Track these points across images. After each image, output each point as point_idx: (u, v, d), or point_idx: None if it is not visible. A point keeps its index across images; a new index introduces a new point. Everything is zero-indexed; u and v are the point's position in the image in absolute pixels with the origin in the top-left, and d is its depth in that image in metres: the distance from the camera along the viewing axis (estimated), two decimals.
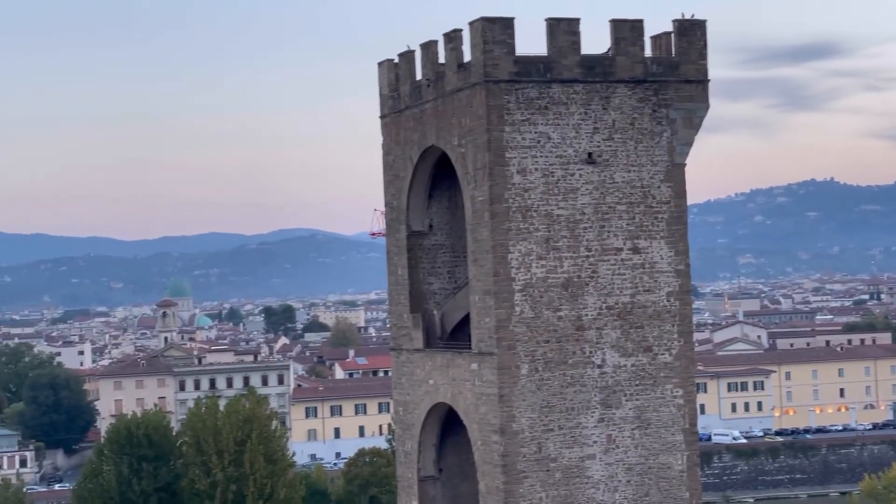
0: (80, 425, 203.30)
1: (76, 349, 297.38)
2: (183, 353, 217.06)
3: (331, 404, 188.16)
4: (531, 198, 47.29)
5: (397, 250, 54.25)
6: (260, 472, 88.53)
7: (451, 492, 53.88)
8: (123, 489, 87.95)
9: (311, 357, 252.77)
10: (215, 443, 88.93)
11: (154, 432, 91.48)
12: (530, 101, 47.20)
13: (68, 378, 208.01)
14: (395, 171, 54.23)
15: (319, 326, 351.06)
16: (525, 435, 46.87)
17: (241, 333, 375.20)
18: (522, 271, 47.11)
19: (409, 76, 52.82)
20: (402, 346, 54.23)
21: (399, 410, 54.87)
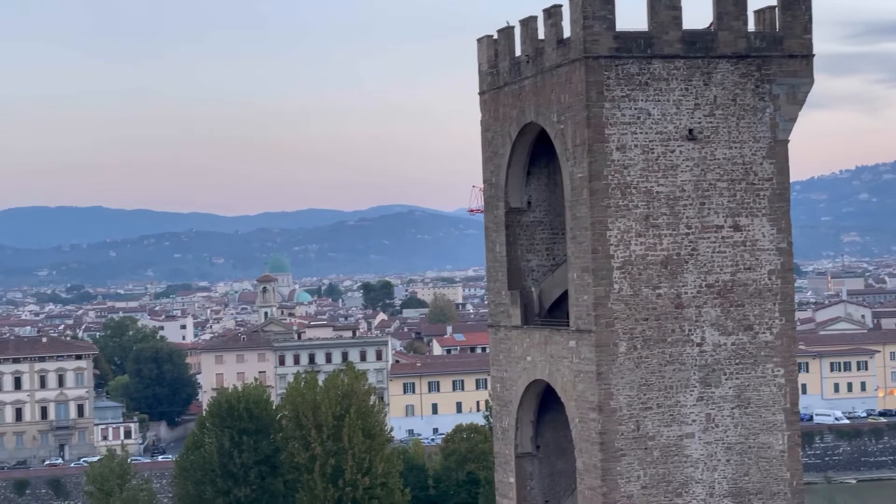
0: (182, 398, 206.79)
1: (179, 323, 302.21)
2: (283, 328, 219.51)
3: (428, 380, 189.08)
4: (630, 174, 46.97)
5: (496, 227, 54.23)
6: (358, 446, 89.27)
7: (548, 468, 53.90)
8: (224, 461, 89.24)
9: (409, 333, 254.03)
10: (314, 417, 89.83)
11: (254, 406, 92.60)
12: (630, 76, 46.82)
13: (171, 352, 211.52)
14: (494, 147, 54.18)
15: (417, 303, 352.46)
16: (623, 413, 46.70)
17: (339, 309, 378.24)
18: (621, 248, 46.87)
19: (509, 52, 52.68)
20: (499, 322, 54.27)
21: (496, 387, 54.95)
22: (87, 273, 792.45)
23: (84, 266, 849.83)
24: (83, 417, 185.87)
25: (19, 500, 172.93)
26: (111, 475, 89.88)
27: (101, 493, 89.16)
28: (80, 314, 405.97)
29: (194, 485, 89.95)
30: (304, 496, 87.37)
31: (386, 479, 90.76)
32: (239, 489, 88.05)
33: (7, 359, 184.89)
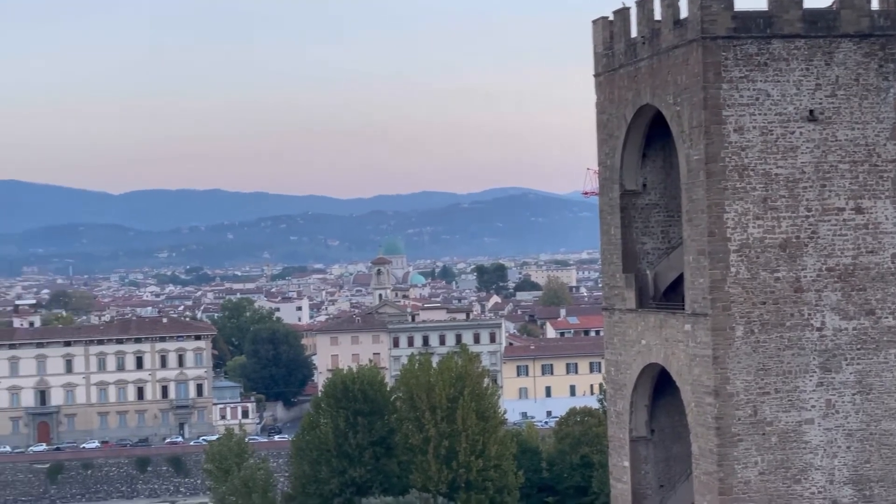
0: (298, 379, 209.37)
1: (294, 305, 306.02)
2: (397, 310, 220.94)
3: (542, 363, 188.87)
4: (748, 156, 46.30)
5: (610, 210, 53.88)
6: (472, 428, 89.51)
7: (663, 453, 53.51)
8: (340, 442, 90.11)
9: (522, 316, 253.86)
10: (428, 399, 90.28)
11: (369, 387, 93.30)
12: (749, 57, 46.11)
13: (287, 333, 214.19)
14: (609, 130, 53.80)
15: (531, 285, 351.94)
16: (740, 397, 46.15)
17: (453, 291, 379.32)
18: (738, 231, 46.26)
19: (624, 34, 52.22)
20: (614, 305, 53.95)
21: (611, 370, 54.68)
22: (205, 255, 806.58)
23: (202, 248, 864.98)
24: (202, 397, 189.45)
25: (141, 476, 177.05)
26: (229, 454, 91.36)
27: (220, 471, 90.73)
28: (198, 295, 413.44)
29: (310, 465, 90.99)
30: (417, 477, 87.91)
31: (499, 461, 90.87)
32: (354, 469, 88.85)
33: (129, 338, 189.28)
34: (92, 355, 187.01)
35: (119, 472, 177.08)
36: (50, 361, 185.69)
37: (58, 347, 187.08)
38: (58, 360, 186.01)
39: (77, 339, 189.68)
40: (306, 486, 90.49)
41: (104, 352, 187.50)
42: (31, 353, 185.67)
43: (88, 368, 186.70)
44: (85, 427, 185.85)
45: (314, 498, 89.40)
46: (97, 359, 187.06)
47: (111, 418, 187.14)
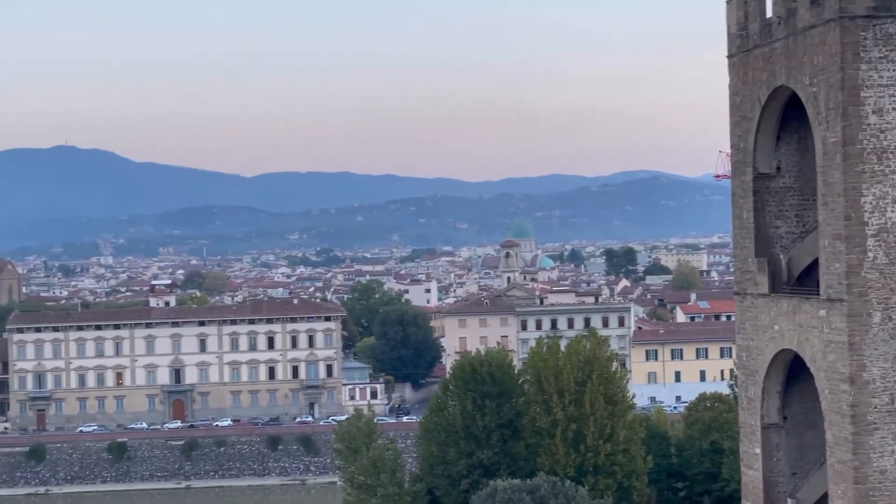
0: (426, 360, 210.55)
1: (423, 287, 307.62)
2: (525, 293, 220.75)
3: (671, 347, 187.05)
4: (888, 139, 45.13)
5: (743, 193, 53.02)
6: (600, 412, 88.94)
7: (795, 440, 52.60)
8: (467, 424, 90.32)
9: (651, 300, 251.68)
10: (556, 382, 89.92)
11: (497, 370, 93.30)
12: (888, 37, 44.90)
13: (416, 315, 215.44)
14: (743, 111, 52.90)
15: (661, 269, 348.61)
16: (876, 385, 45.10)
17: (582, 275, 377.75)
18: (876, 216, 45.15)
19: (759, 14, 51.27)
20: (746, 290, 53.14)
21: (742, 356, 53.89)
22: (335, 237, 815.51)
23: (332, 230, 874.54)
24: (332, 377, 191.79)
25: (272, 454, 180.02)
26: (358, 434, 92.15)
27: (349, 450, 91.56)
28: (328, 277, 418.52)
29: (438, 446, 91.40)
30: (545, 460, 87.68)
31: (628, 445, 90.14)
32: (481, 451, 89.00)
33: (261, 319, 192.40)
34: (225, 335, 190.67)
35: (251, 450, 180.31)
36: (184, 341, 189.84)
37: (192, 327, 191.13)
38: (192, 339, 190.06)
39: (210, 319, 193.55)
40: (434, 468, 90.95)
41: (237, 332, 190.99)
42: (167, 333, 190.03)
43: (221, 348, 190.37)
44: (218, 405, 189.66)
45: (442, 479, 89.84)
46: (230, 338, 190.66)
47: (243, 397, 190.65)
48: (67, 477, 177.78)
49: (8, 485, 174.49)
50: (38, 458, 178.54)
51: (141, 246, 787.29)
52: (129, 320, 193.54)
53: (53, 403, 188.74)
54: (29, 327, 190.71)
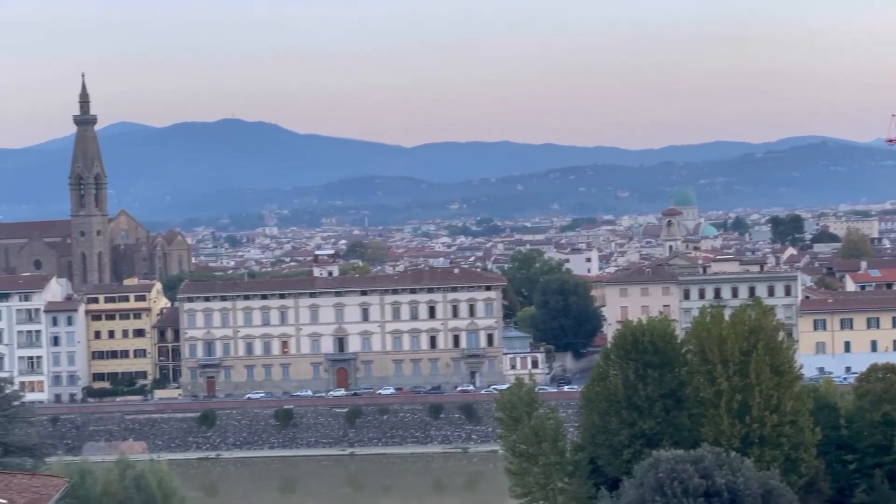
0: (587, 330, 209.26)
1: (583, 256, 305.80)
2: (687, 262, 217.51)
3: (841, 317, 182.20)
4: None
5: None
6: (766, 383, 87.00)
7: None
8: (629, 394, 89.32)
9: (819, 268, 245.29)
10: (720, 352, 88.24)
11: (659, 339, 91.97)
12: None
13: (576, 284, 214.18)
14: None
15: (829, 237, 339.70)
16: None
17: (746, 243, 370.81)
18: None
19: None
20: None
21: None
22: (495, 206, 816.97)
23: (492, 199, 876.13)
24: (492, 346, 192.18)
25: (434, 422, 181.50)
26: (519, 403, 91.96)
27: (510, 419, 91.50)
28: (489, 246, 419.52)
29: (599, 416, 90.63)
30: (709, 431, 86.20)
31: (795, 416, 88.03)
32: (644, 421, 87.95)
33: (423, 288, 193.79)
34: (387, 304, 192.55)
35: (413, 418, 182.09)
36: (347, 310, 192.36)
37: (355, 296, 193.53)
38: (355, 308, 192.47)
39: (373, 288, 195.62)
40: (596, 437, 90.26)
41: (398, 301, 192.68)
42: (330, 302, 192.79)
43: (384, 317, 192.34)
44: (381, 374, 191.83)
45: (604, 448, 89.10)
46: (392, 308, 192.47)
47: (405, 366, 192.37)
48: (236, 442, 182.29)
49: (181, 449, 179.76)
50: (209, 424, 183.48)
51: (305, 216, 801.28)
52: (293, 290, 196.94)
53: (222, 371, 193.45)
54: (198, 296, 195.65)
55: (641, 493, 72.56)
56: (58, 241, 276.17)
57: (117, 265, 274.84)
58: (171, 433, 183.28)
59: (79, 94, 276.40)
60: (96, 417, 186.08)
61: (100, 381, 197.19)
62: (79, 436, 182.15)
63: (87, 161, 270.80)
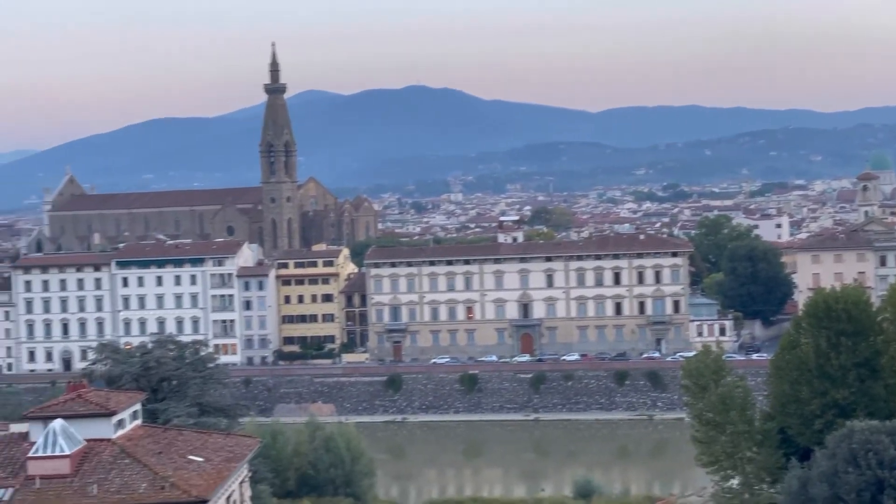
0: (777, 297, 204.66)
1: (773, 222, 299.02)
2: (884, 227, 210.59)
3: None
4: None
5: None
6: None
7: None
8: (821, 363, 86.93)
9: None
10: None
11: (853, 307, 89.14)
12: None
13: (766, 250, 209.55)
14: None
15: None
16: None
17: None
18: None
19: None
20: None
21: None
22: (681, 171, 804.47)
23: (679, 165, 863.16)
24: (678, 313, 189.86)
25: (619, 389, 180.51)
26: (706, 370, 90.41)
27: (697, 387, 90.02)
28: (675, 212, 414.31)
29: (790, 384, 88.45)
30: None
31: None
32: (836, 391, 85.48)
33: (608, 255, 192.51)
34: (571, 270, 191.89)
35: (598, 385, 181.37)
36: (532, 276, 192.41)
37: (539, 262, 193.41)
38: (539, 274, 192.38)
39: (557, 254, 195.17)
40: (786, 406, 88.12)
41: (583, 267, 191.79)
42: (515, 268, 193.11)
43: (568, 283, 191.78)
44: (565, 340, 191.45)
45: (794, 418, 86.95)
46: (576, 274, 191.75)
47: (590, 332, 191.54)
48: (422, 406, 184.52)
49: (368, 412, 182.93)
50: (395, 388, 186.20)
51: (489, 183, 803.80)
52: (478, 256, 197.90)
53: (408, 336, 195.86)
54: (384, 262, 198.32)
55: (834, 464, 70.71)
56: (249, 208, 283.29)
57: (306, 231, 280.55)
58: (359, 396, 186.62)
59: (269, 63, 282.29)
60: (287, 380, 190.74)
61: (289, 345, 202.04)
62: (270, 397, 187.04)
63: (277, 129, 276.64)
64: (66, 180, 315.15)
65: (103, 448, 50.47)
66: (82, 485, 48.29)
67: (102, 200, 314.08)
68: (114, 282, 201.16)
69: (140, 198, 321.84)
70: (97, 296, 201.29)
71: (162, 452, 51.99)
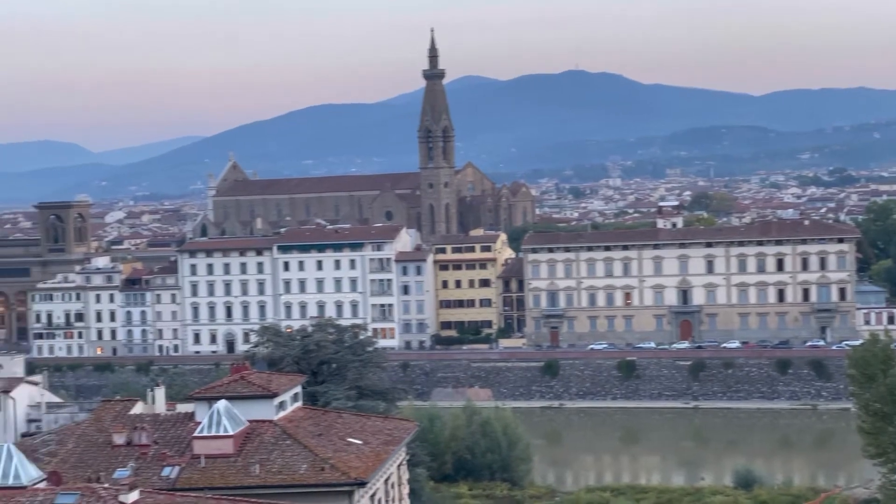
0: None
1: None
2: None
3: None
4: None
5: None
6: None
7: None
8: None
9: None
10: None
11: None
12: None
13: None
14: None
15: None
16: None
17: None
18: None
19: None
20: None
21: None
22: (849, 155, 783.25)
23: (846, 148, 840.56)
24: (844, 301, 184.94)
25: (781, 378, 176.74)
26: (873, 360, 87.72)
27: (864, 377, 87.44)
28: (841, 197, 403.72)
29: None
30: None
31: None
32: None
33: (770, 241, 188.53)
34: (732, 257, 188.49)
35: (759, 373, 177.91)
36: (692, 262, 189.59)
37: (699, 248, 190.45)
38: (699, 260, 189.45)
39: (718, 240, 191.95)
40: None
41: (744, 253, 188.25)
42: (674, 254, 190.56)
43: (729, 269, 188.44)
44: (725, 327, 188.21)
45: None
46: (737, 260, 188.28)
47: (751, 319, 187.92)
48: (579, 392, 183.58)
49: (524, 397, 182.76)
50: (552, 374, 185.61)
51: (648, 167, 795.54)
52: (636, 241, 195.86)
53: (566, 321, 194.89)
54: (542, 247, 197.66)
55: None
56: (407, 193, 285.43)
57: (463, 216, 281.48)
58: (516, 381, 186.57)
59: (428, 48, 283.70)
60: (444, 364, 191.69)
61: (447, 330, 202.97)
62: (427, 381, 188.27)
63: (436, 114, 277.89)
64: (230, 166, 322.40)
65: (265, 429, 51.26)
66: (245, 464, 49.12)
67: (264, 186, 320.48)
68: (275, 266, 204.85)
69: (301, 183, 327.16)
70: (259, 279, 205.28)
71: (322, 434, 52.56)
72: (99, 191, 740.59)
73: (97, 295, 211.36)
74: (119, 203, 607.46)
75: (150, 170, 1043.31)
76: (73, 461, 50.34)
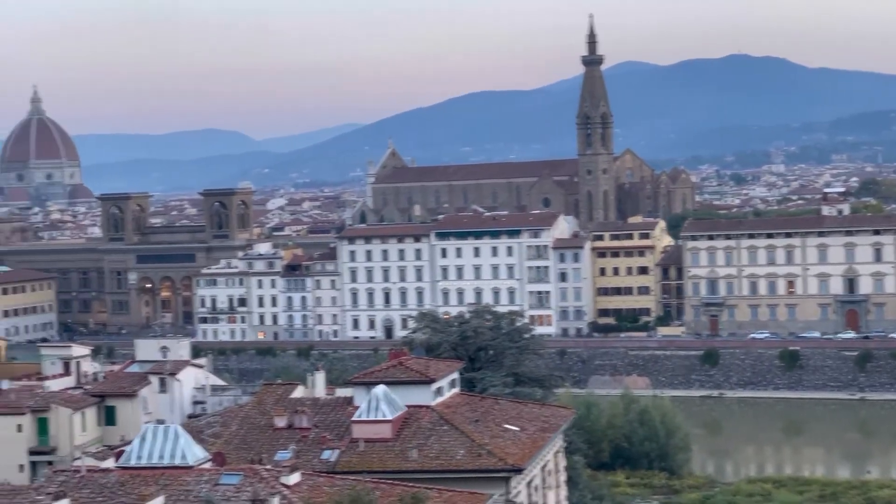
0: None
1: None
2: None
3: None
4: None
5: None
6: None
7: None
8: None
9: None
10: None
11: None
12: None
13: None
14: None
15: None
16: None
17: None
18: None
19: None
20: None
21: None
22: None
23: None
24: None
25: None
26: None
27: None
28: None
29: None
30: None
31: None
32: None
33: None
34: None
35: None
36: (858, 250, 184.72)
37: (866, 236, 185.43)
38: (866, 248, 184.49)
39: (886, 227, 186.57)
40: None
41: None
42: (840, 241, 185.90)
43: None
44: (894, 316, 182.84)
45: None
46: None
47: None
48: (740, 382, 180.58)
49: (683, 386, 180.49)
50: (712, 363, 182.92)
51: (813, 153, 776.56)
52: (800, 229, 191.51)
53: (726, 310, 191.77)
54: (702, 235, 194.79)
55: None
56: (565, 180, 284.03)
57: (622, 203, 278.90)
58: (674, 370, 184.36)
59: (587, 34, 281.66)
60: (601, 352, 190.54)
61: (604, 317, 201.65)
62: (584, 369, 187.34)
63: (594, 101, 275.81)
64: (388, 153, 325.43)
65: (423, 414, 51.55)
66: (403, 449, 49.48)
67: (422, 173, 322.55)
68: (433, 252, 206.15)
69: (459, 170, 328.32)
70: (417, 266, 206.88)
71: (479, 420, 52.63)
72: (261, 178, 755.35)
73: (259, 280, 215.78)
74: (280, 190, 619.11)
75: (311, 157, 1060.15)
76: (236, 442, 51.41)
